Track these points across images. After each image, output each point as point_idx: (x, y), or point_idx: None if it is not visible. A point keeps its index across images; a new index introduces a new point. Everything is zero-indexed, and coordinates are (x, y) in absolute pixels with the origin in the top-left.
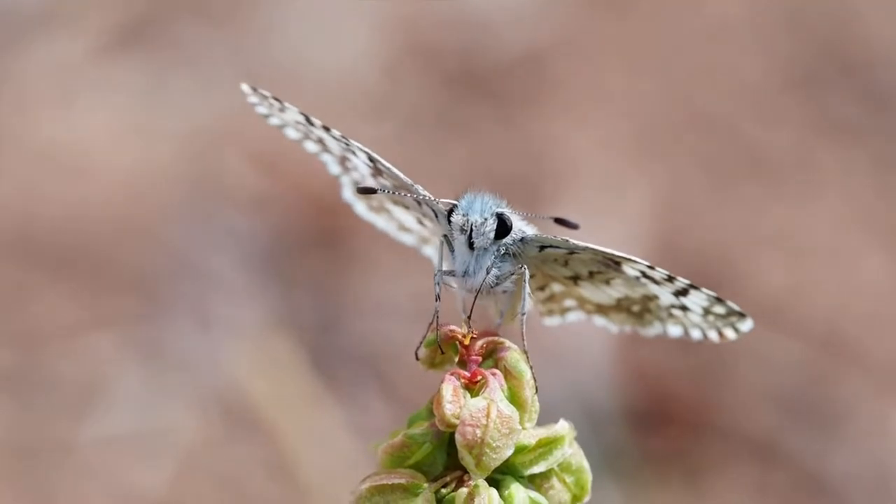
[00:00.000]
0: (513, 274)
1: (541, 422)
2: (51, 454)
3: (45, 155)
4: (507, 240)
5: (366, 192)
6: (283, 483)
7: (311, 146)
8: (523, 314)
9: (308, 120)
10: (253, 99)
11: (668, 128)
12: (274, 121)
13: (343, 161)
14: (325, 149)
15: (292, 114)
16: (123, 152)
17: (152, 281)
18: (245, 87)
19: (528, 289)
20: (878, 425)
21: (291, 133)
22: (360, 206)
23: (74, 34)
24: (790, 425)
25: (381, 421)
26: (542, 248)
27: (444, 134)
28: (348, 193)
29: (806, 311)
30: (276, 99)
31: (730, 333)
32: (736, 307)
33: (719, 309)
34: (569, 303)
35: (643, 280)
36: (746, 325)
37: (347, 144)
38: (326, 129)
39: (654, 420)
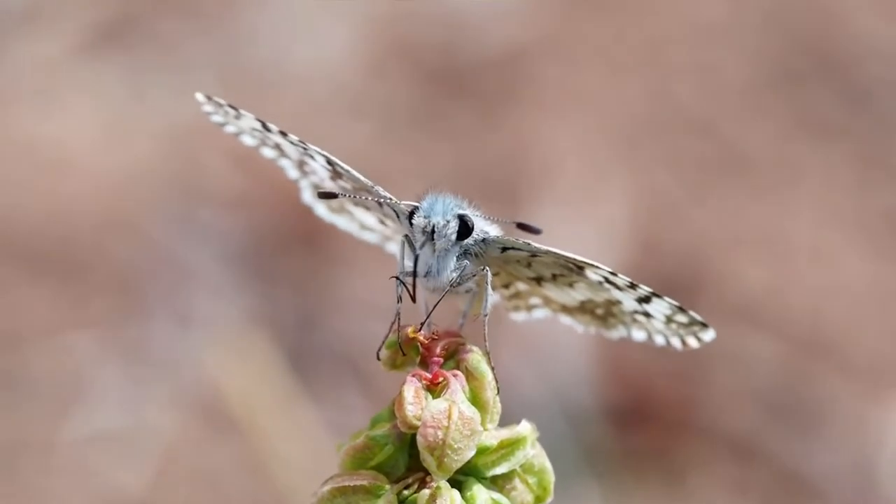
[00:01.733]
0: (475, 275)
1: (519, 419)
2: (32, 453)
3: (25, 153)
4: (469, 241)
5: (326, 196)
6: (263, 481)
7: (267, 152)
8: (486, 315)
9: (265, 126)
10: (208, 108)
11: (648, 127)
12: (230, 129)
13: (301, 165)
14: (283, 154)
15: (248, 121)
16: (104, 150)
17: (132, 279)
18: (199, 96)
19: (490, 290)
20: (858, 423)
21: (248, 140)
22: (321, 209)
23: (55, 33)
24: (770, 424)
25: (360, 419)
26: (505, 249)
27: (424, 132)
28: (308, 196)
29: (785, 311)
30: (232, 106)
31: (692, 342)
32: (698, 317)
33: (681, 318)
34: (534, 300)
35: (606, 285)
36: (708, 335)
37: (305, 149)
38: (283, 133)
39: (634, 418)
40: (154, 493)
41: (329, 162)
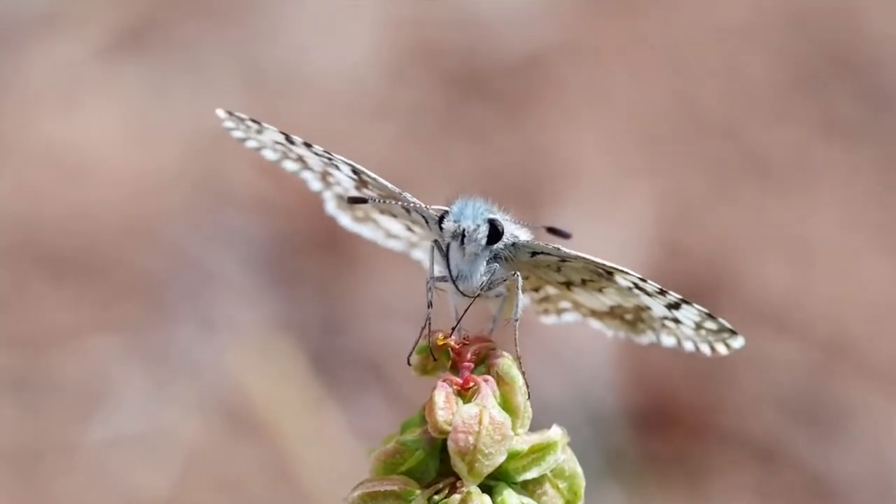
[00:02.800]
0: (505, 280)
1: (543, 424)
2: (55, 457)
3: (48, 157)
4: (499, 245)
5: (356, 201)
6: (286, 485)
7: (290, 165)
8: (516, 320)
9: (288, 139)
10: (228, 123)
11: (671, 130)
12: (251, 143)
13: (325, 176)
14: (305, 166)
15: (271, 134)
16: (127, 154)
17: (155, 283)
18: (220, 112)
19: (520, 295)
20: (881, 427)
21: (269, 154)
22: (345, 219)
23: (78, 36)
24: (793, 427)
25: (383, 423)
26: (535, 254)
27: (446, 136)
28: (331, 207)
29: (809, 314)
30: (254, 120)
31: (721, 349)
32: (727, 324)
33: (711, 325)
34: (564, 304)
35: (635, 291)
36: (738, 342)
37: (330, 158)
38: (308, 145)
39: (657, 422)
40: (177, 497)
41: (355, 171)
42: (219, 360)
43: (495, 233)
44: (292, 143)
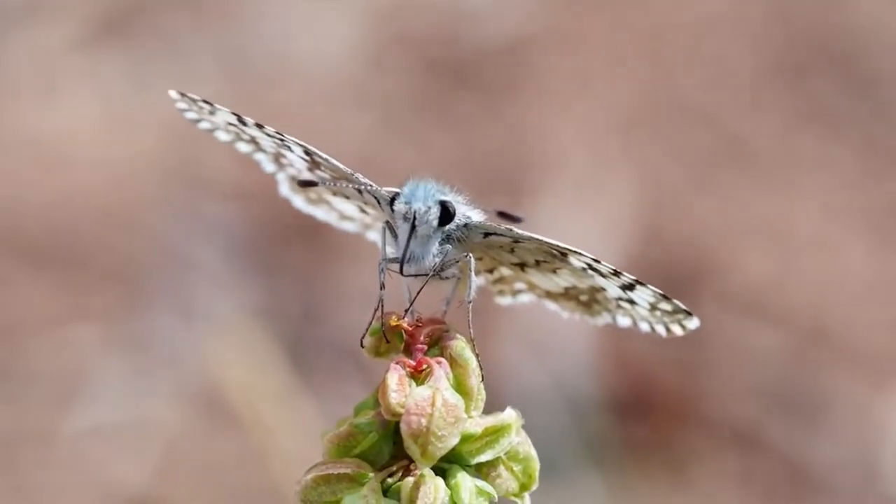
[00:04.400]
0: (458, 261)
1: (524, 411)
2: (33, 446)
3: (28, 145)
4: (451, 226)
5: (306, 185)
6: (264, 474)
7: (243, 147)
8: (470, 301)
9: (240, 119)
10: (181, 104)
11: (651, 117)
12: (204, 125)
13: (278, 158)
14: (259, 148)
15: (223, 115)
16: (106, 143)
17: (134, 272)
18: (172, 93)
19: (474, 276)
20: (861, 414)
21: (222, 136)
22: (299, 200)
23: (57, 24)
24: (773, 414)
25: None
26: (487, 234)
27: (427, 123)
28: (285, 189)
29: (789, 301)
30: (207, 102)
31: (677, 329)
32: (681, 305)
33: (666, 306)
34: (519, 285)
35: (590, 272)
36: (692, 323)
37: (282, 140)
38: (259, 126)
39: (637, 409)
40: (155, 486)
41: (307, 152)
42: (197, 348)
43: (446, 214)
44: (244, 124)
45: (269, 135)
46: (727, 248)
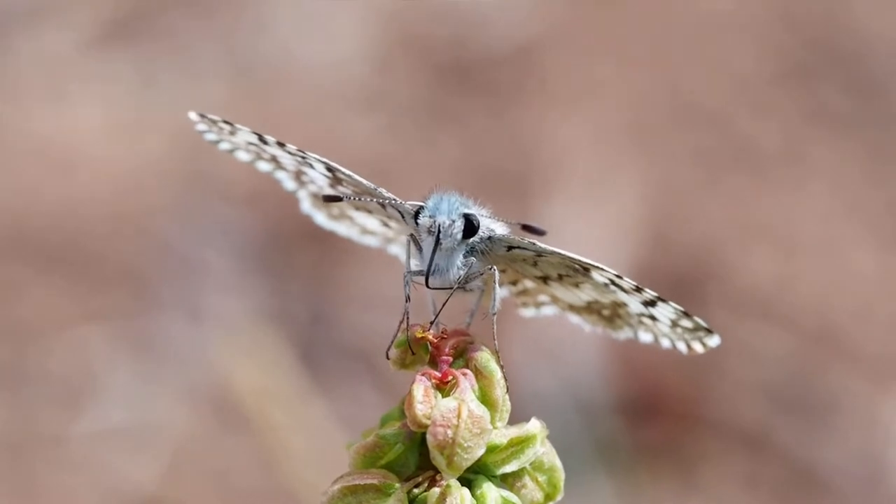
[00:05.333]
0: (482, 273)
1: (532, 414)
2: (41, 448)
3: (35, 149)
4: (475, 239)
5: (331, 199)
6: (274, 476)
7: (263, 166)
8: (494, 314)
9: (261, 139)
10: (201, 126)
11: (658, 120)
12: (224, 146)
13: (298, 175)
14: (279, 166)
15: (244, 135)
16: (114, 146)
17: (143, 275)
18: (193, 115)
19: (498, 288)
20: (868, 416)
21: (242, 155)
22: (320, 217)
23: (65, 28)
24: (781, 417)
25: (372, 413)
26: (511, 248)
27: (435, 126)
28: (307, 206)
29: (796, 303)
30: (227, 122)
31: (697, 347)
32: (703, 323)
33: (687, 323)
34: (542, 298)
35: (612, 287)
36: (713, 341)
37: (304, 157)
38: (281, 144)
39: (646, 412)
40: (165, 488)
41: (329, 168)
42: (207, 351)
43: (471, 227)
44: (265, 143)
45: (290, 153)
46: (734, 249)
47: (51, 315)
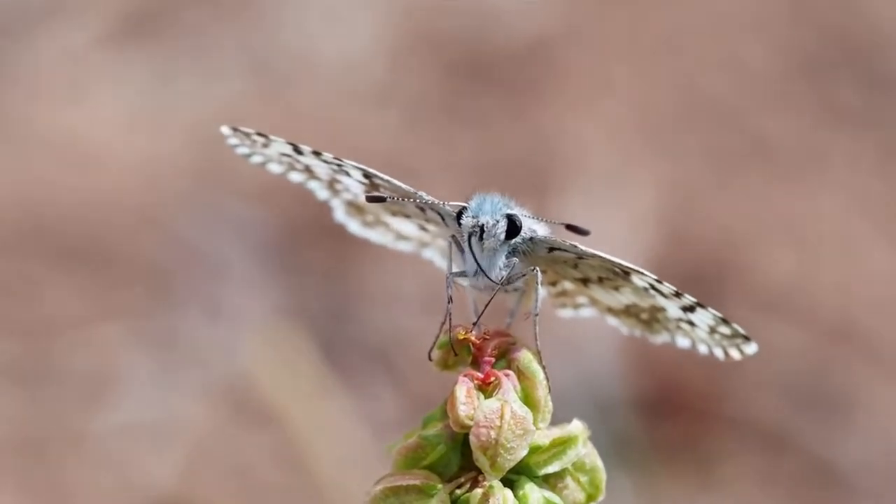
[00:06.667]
0: (524, 275)
1: (553, 413)
2: (62, 445)
3: (55, 145)
4: (517, 240)
5: (375, 200)
6: (294, 473)
7: (295, 176)
8: (536, 314)
9: (296, 149)
10: (233, 140)
11: (674, 117)
12: (256, 159)
13: (332, 184)
14: (312, 176)
15: (278, 146)
16: (133, 143)
17: (162, 271)
18: (225, 129)
19: (539, 289)
20: (888, 413)
21: (275, 168)
22: (354, 224)
23: (83, 24)
24: (799, 414)
25: (392, 411)
26: (552, 249)
27: (450, 123)
28: (340, 214)
29: (814, 300)
30: (261, 134)
31: (734, 354)
32: (741, 330)
33: (725, 329)
34: (581, 300)
35: (651, 292)
36: (751, 348)
37: (340, 165)
38: (317, 153)
39: (664, 409)
40: (184, 485)
41: (366, 175)
42: (227, 348)
43: (513, 228)
44: (300, 153)
45: (326, 161)
46: (751, 246)
47: (71, 312)
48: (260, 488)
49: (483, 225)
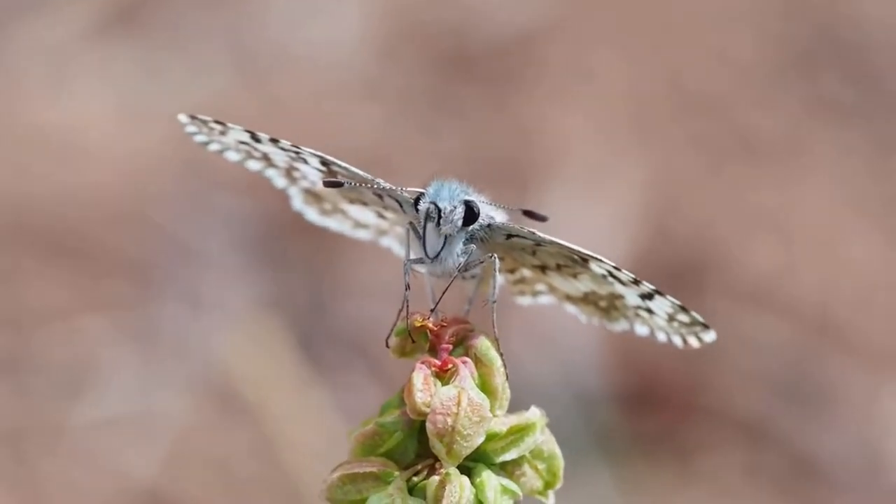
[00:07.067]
0: (482, 261)
1: (531, 404)
2: (43, 437)
3: (37, 138)
4: (475, 226)
5: (333, 185)
6: (274, 465)
7: (253, 164)
8: (494, 302)
9: (254, 137)
10: (191, 128)
11: (659, 110)
12: (213, 147)
13: (289, 172)
14: (270, 164)
15: (235, 134)
16: (116, 135)
17: (144, 264)
18: (182, 117)
19: (497, 276)
20: (868, 406)
21: (232, 156)
22: (312, 213)
23: (67, 17)
24: (780, 407)
25: (370, 402)
26: (510, 236)
27: (435, 115)
28: (298, 203)
29: (796, 293)
30: (218, 122)
31: (693, 341)
32: (699, 318)
33: (683, 317)
34: (539, 287)
35: (609, 279)
36: (709, 336)
37: (298, 152)
38: (274, 141)
39: (645, 402)
40: (165, 478)
41: (324, 162)
42: (207, 340)
43: (471, 214)
44: (258, 140)
45: (283, 149)
46: (735, 239)
47: (51, 303)
48: (240, 479)
49: (441, 210)
